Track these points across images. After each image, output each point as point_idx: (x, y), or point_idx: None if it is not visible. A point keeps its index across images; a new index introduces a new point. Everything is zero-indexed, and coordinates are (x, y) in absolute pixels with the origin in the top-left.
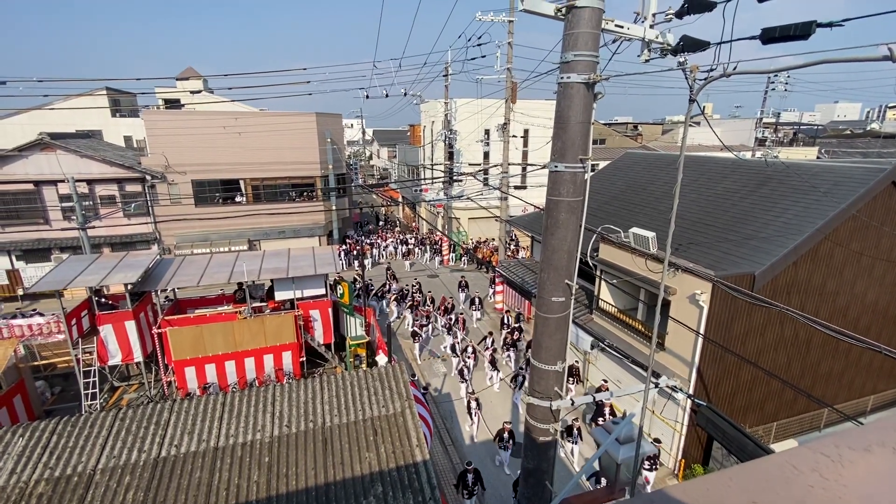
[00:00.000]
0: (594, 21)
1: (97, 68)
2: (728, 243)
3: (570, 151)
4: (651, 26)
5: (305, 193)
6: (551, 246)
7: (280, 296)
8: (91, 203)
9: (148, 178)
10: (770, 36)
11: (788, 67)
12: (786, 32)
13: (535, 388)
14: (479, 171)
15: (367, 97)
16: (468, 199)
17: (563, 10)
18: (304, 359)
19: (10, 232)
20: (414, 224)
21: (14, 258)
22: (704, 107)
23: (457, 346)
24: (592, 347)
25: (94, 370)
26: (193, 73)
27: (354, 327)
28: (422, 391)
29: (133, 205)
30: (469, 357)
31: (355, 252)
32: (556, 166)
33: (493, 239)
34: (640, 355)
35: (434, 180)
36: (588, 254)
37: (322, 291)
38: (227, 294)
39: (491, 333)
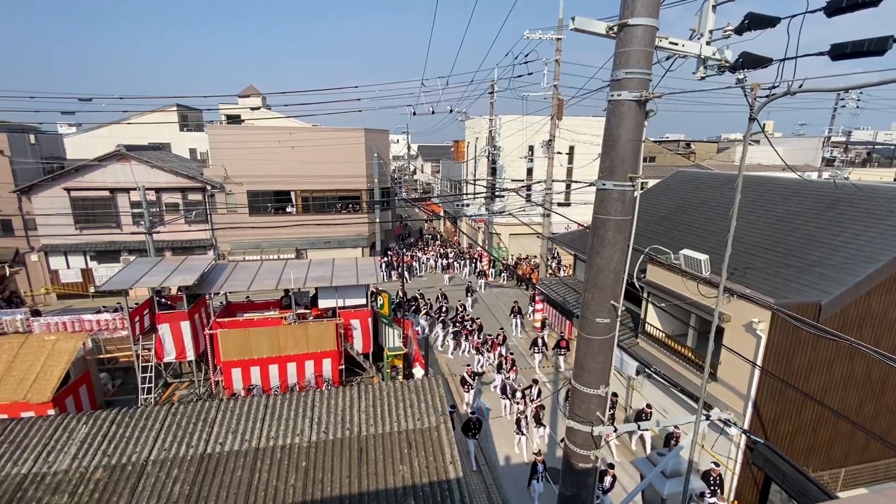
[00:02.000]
0: (647, 39)
1: (170, 87)
2: (790, 269)
3: (619, 169)
4: (707, 43)
5: (351, 206)
6: (597, 265)
7: (323, 304)
8: (157, 210)
9: (208, 187)
10: (840, 52)
11: (861, 85)
12: (858, 48)
13: (575, 411)
14: (522, 186)
15: (414, 114)
16: (510, 214)
17: (615, 28)
18: (343, 366)
19: (87, 234)
20: (454, 238)
21: (88, 258)
22: (765, 124)
23: (507, 388)
24: (638, 373)
25: (152, 366)
26: (254, 91)
27: (393, 338)
28: (449, 408)
29: (194, 212)
30: (518, 402)
31: (395, 264)
32: (603, 184)
33: (535, 256)
34: (689, 384)
35: (476, 195)
36: (634, 275)
37: (363, 301)
38: (274, 300)
39: (536, 382)
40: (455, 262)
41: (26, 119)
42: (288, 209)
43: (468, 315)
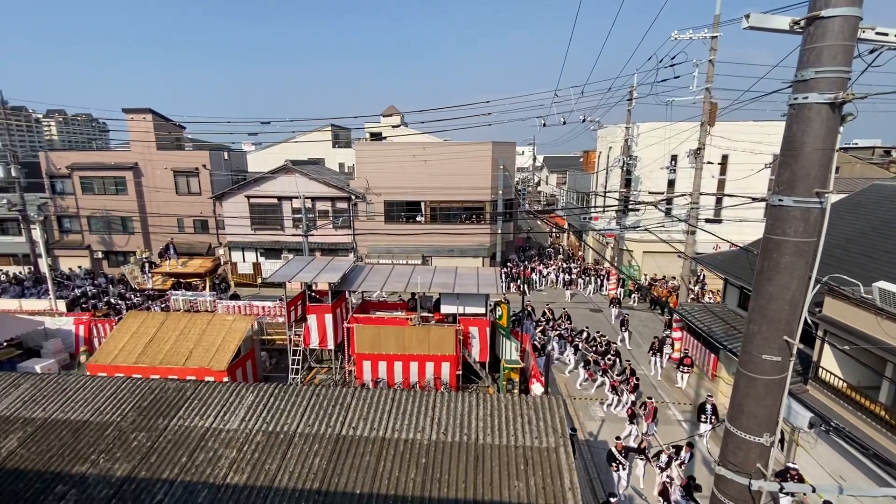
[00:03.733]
0: (846, 31)
1: (327, 109)
2: None
3: (802, 183)
4: None
5: (474, 216)
6: (767, 293)
7: (445, 309)
8: (312, 216)
9: (353, 197)
10: None
11: None
12: None
13: (729, 458)
14: (662, 200)
15: (545, 125)
16: (645, 230)
17: (802, 22)
18: (461, 372)
19: (259, 234)
20: (579, 253)
21: (258, 254)
22: None
23: (646, 445)
24: (811, 426)
25: (300, 350)
26: (394, 111)
27: (510, 350)
28: (570, 431)
29: (340, 219)
30: (662, 466)
31: (515, 275)
32: (780, 199)
33: (673, 277)
34: (883, 449)
35: (606, 208)
36: (806, 308)
37: (482, 310)
38: (402, 301)
39: (691, 446)
40: (579, 279)
41: (223, 139)
42: (417, 218)
43: (606, 344)
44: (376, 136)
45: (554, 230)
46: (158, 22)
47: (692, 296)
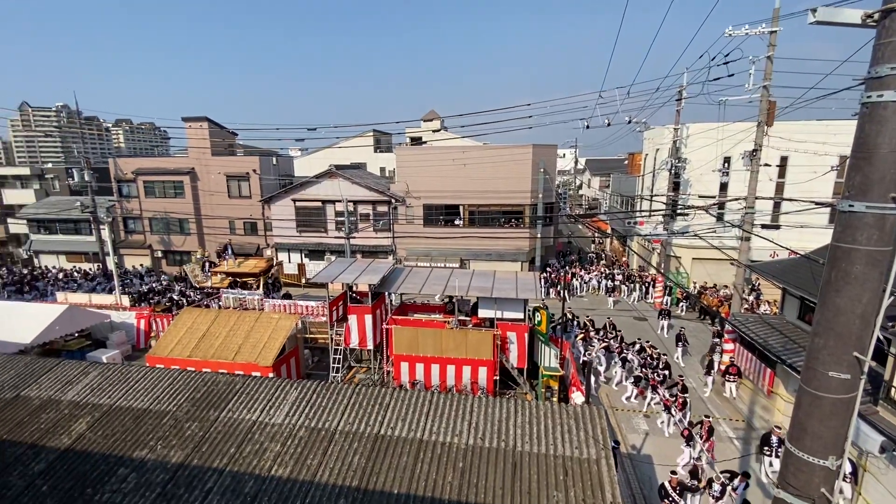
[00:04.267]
0: None
1: (369, 114)
2: None
3: (877, 188)
4: None
5: (514, 220)
6: (835, 306)
7: (483, 313)
8: (353, 219)
9: (393, 201)
10: None
11: None
12: None
13: (789, 480)
14: (713, 204)
15: (588, 127)
16: (695, 235)
17: (876, 15)
18: (498, 378)
19: (304, 236)
20: (623, 259)
21: (303, 255)
22: None
23: (699, 471)
24: (882, 451)
25: (341, 349)
26: (435, 115)
27: (549, 358)
28: (612, 444)
29: (381, 222)
30: (717, 496)
31: (554, 281)
32: (850, 205)
33: (725, 286)
34: None
35: (653, 212)
36: (879, 323)
37: (520, 315)
38: (440, 304)
39: (747, 475)
40: (622, 285)
41: (272, 145)
42: (456, 222)
43: (658, 357)
44: (417, 141)
45: (596, 235)
46: (219, 39)
47: (746, 306)
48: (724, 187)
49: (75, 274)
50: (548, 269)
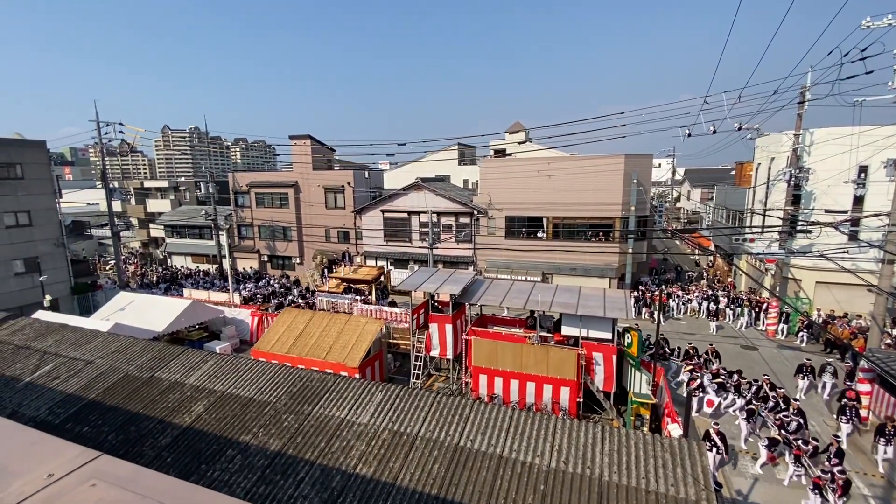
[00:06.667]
0: None
1: (455, 128)
2: None
3: None
4: None
5: (602, 234)
6: None
7: (566, 331)
8: (437, 229)
9: (475, 212)
10: None
11: None
12: None
13: None
14: (845, 220)
15: (689, 135)
16: (822, 256)
17: None
18: (581, 400)
19: (390, 245)
20: (729, 280)
21: (388, 263)
22: None
23: None
24: None
25: (421, 356)
26: (520, 127)
27: (639, 383)
28: (715, 486)
29: (463, 233)
30: None
31: (647, 300)
32: None
33: (859, 315)
34: None
35: (766, 228)
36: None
37: (608, 336)
38: (521, 318)
39: None
40: (727, 309)
41: (365, 160)
42: (538, 234)
43: (796, 413)
44: (500, 153)
45: (697, 251)
46: (322, 61)
47: (887, 340)
48: (858, 201)
49: (200, 274)
50: (640, 287)
